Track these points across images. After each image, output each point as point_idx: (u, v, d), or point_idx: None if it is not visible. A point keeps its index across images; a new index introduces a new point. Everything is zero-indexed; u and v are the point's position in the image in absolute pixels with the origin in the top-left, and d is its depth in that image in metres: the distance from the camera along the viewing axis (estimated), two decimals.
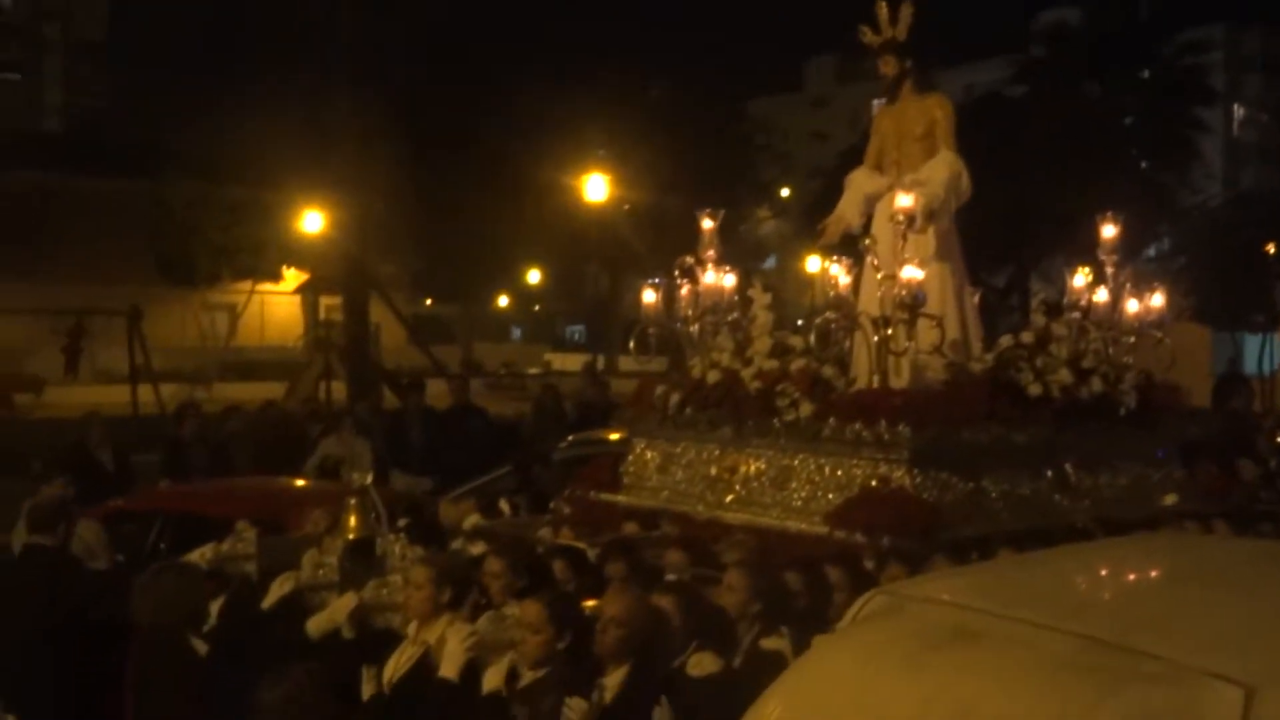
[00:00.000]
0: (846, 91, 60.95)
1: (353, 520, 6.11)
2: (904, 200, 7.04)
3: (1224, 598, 3.21)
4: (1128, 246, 8.24)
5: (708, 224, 7.79)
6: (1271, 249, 32.44)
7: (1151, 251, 31.65)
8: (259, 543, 6.40)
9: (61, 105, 68.80)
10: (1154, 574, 3.67)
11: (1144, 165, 30.66)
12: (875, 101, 8.33)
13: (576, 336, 60.00)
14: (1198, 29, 32.44)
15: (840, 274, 6.96)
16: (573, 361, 40.19)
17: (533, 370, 38.34)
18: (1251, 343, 35.23)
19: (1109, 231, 7.95)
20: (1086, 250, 8.11)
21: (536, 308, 57.81)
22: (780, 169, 49.78)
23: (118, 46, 71.09)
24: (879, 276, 7.09)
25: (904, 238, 7.03)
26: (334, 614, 5.65)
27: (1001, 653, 2.88)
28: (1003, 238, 25.70)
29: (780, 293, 7.92)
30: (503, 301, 53.06)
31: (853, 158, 8.26)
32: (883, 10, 7.90)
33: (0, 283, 31.33)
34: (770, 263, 46.53)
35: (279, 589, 5.92)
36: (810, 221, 8.47)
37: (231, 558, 6.38)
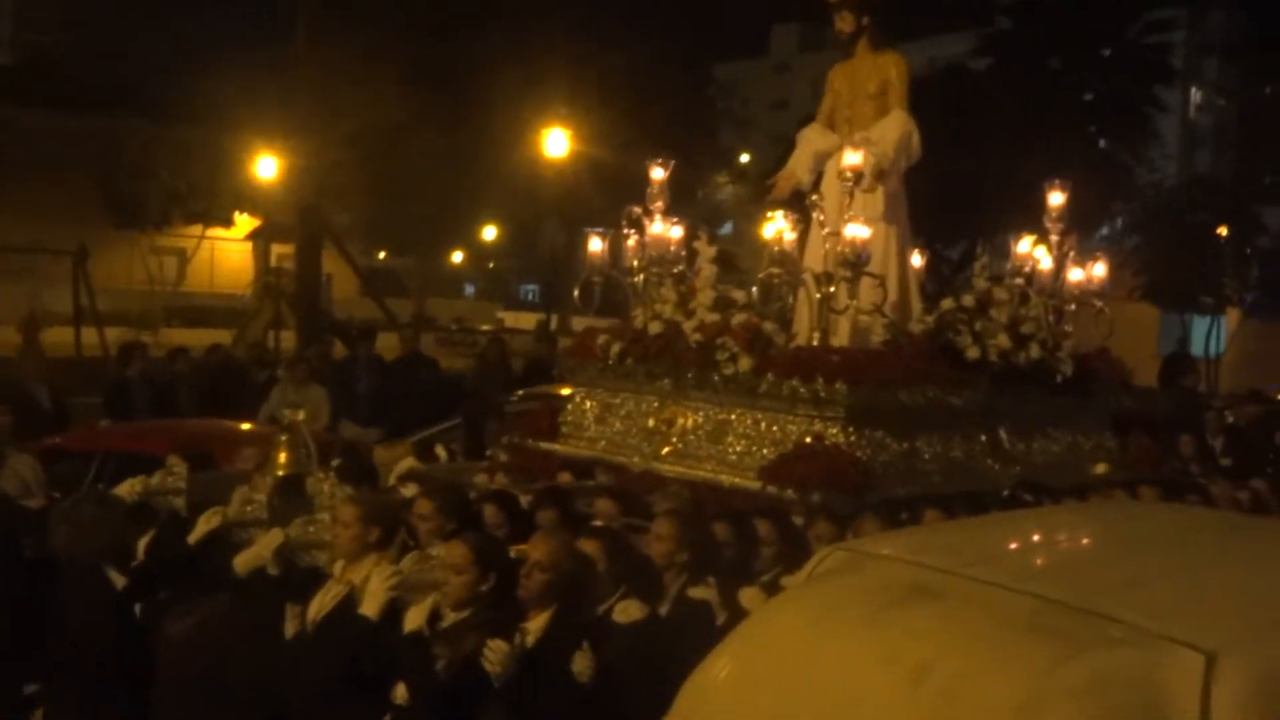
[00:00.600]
0: (810, 59, 60.86)
1: (283, 457, 6.05)
2: (852, 158, 7.05)
3: (1184, 565, 3.25)
4: (1081, 223, 8.31)
5: (657, 174, 7.75)
6: (1223, 232, 32.80)
7: (1105, 230, 31.91)
8: (189, 478, 6.31)
9: (12, 38, 67.44)
10: (1113, 540, 3.69)
11: (1102, 143, 30.81)
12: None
13: (531, 295, 59.78)
14: (1163, 9, 32.53)
15: (785, 230, 6.95)
16: (526, 320, 40.07)
17: (485, 326, 38.12)
18: (1199, 325, 35.67)
19: (1056, 199, 8.00)
20: (1040, 225, 8.15)
21: (491, 265, 57.47)
22: (740, 135, 49.73)
23: None
24: (824, 233, 7.10)
25: (851, 195, 7.04)
26: (260, 550, 5.60)
27: (962, 611, 2.88)
28: (959, 211, 25.80)
29: (737, 259, 7.90)
30: (457, 258, 52.71)
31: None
32: None
33: None
34: (727, 228, 46.53)
35: (206, 524, 5.85)
36: (765, 190, 8.46)
37: (160, 491, 6.28)
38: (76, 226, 28.43)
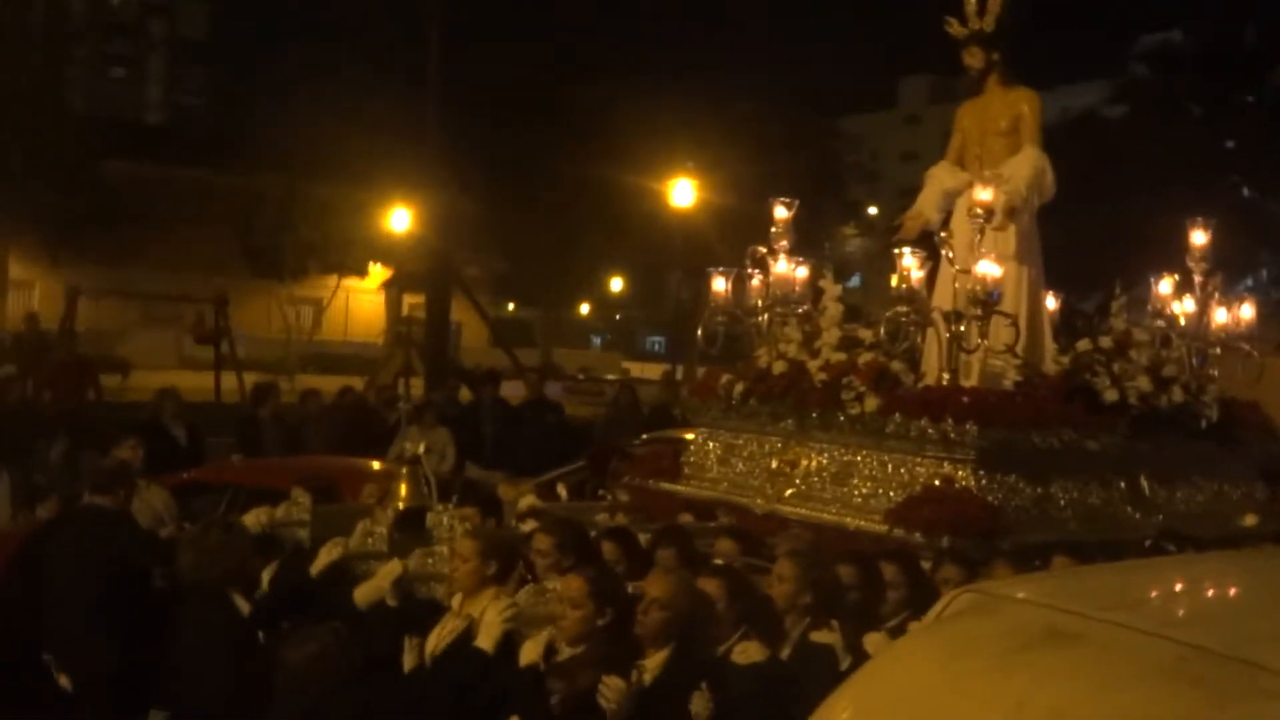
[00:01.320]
0: (939, 111, 60.31)
1: (403, 490, 6.07)
2: (983, 194, 6.86)
3: None
4: (1225, 272, 7.98)
5: (781, 212, 7.66)
6: None
7: (1249, 281, 30.86)
8: (313, 510, 6.38)
9: (162, 100, 70.60)
10: (1266, 589, 3.43)
11: (1245, 192, 29.91)
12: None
13: (656, 347, 59.96)
14: None
15: (914, 267, 6.78)
16: (651, 370, 40.08)
17: (611, 376, 38.29)
18: None
19: (1199, 238, 7.69)
20: (1182, 268, 7.85)
21: (618, 316, 57.86)
22: (869, 188, 49.44)
23: (218, 46, 72.79)
24: (954, 271, 6.92)
25: (982, 233, 6.85)
26: (379, 581, 5.60)
27: (1100, 656, 2.70)
28: (1095, 262, 25.24)
29: (863, 312, 7.77)
30: (584, 309, 53.18)
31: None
32: (970, 2, 7.72)
33: (93, 266, 32.03)
34: (855, 281, 46.17)
35: (327, 555, 5.89)
36: (892, 242, 8.32)
37: (285, 523, 6.37)
38: (217, 277, 29.45)
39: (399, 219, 28.57)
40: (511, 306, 47.38)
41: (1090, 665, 2.69)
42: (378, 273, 40.08)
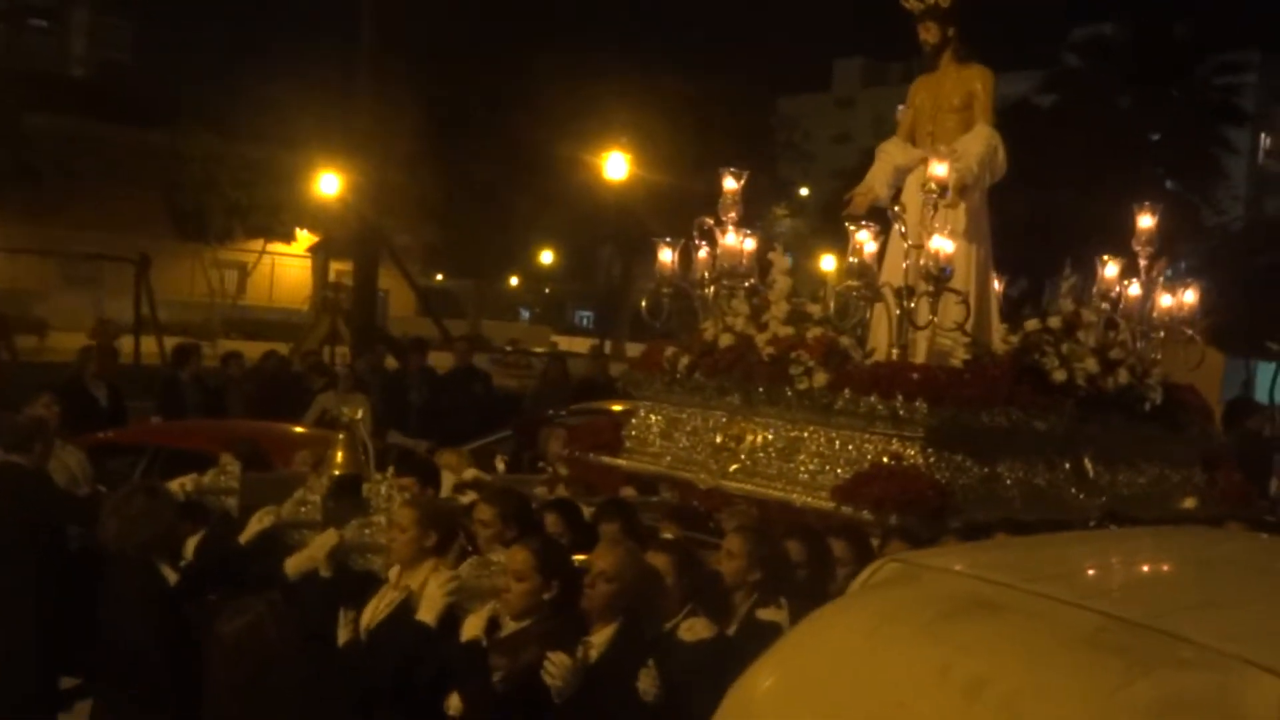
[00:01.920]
0: (872, 94, 60.67)
1: (339, 457, 5.83)
2: (938, 169, 6.76)
3: (1261, 589, 3.07)
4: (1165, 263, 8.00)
5: (730, 184, 7.53)
6: None
7: (1169, 272, 31.41)
8: (242, 477, 6.11)
9: (85, 55, 68.73)
10: (1185, 562, 3.49)
11: (1169, 184, 30.38)
12: (900, 107, 8.12)
13: (585, 322, 59.78)
14: (1234, 52, 32.18)
15: (866, 240, 6.66)
16: (580, 344, 39.86)
17: (539, 349, 38.04)
18: (1264, 371, 34.92)
19: (1145, 222, 7.69)
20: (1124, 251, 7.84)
21: (547, 290, 57.56)
22: (802, 168, 49.50)
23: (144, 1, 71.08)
24: (905, 246, 6.82)
25: (934, 208, 6.75)
26: (313, 552, 5.36)
27: (1023, 625, 2.71)
28: (1023, 248, 25.46)
29: (795, 292, 7.64)
30: (514, 282, 52.80)
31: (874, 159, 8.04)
32: None
33: (13, 224, 31.12)
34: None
35: (258, 524, 5.64)
36: (827, 221, 8.21)
37: (213, 490, 6.08)
38: (140, 238, 28.72)
39: (328, 184, 28.05)
40: (440, 277, 46.86)
41: (1013, 634, 2.70)
42: (305, 238, 39.38)
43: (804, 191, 49.44)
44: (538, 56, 35.83)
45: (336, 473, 5.81)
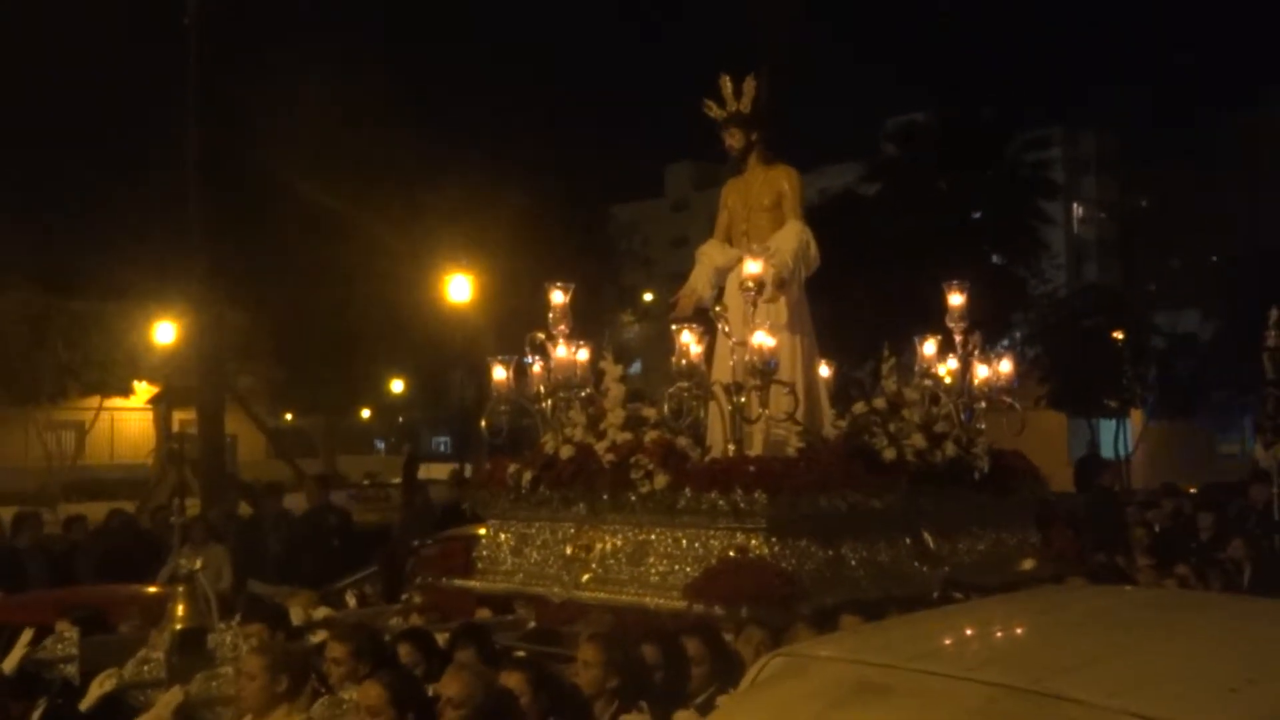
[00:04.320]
0: (704, 196, 62.06)
1: (180, 610, 5.73)
2: (753, 267, 7.05)
3: (1134, 642, 3.21)
4: (982, 336, 8.40)
5: (558, 298, 7.70)
6: (1119, 336, 33.71)
7: (1005, 341, 32.61)
8: (81, 643, 5.95)
9: None
10: (1056, 623, 3.63)
11: (995, 259, 31.69)
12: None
13: (443, 447, 59.23)
14: (1036, 129, 33.96)
15: (691, 342, 6.88)
16: (439, 471, 39.49)
17: (397, 480, 37.53)
18: (1107, 428, 36.36)
19: (955, 300, 8.07)
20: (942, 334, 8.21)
21: (401, 419, 56.97)
22: (645, 273, 50.26)
23: None
24: (731, 344, 7.06)
25: (754, 305, 7.02)
26: (159, 711, 5.26)
27: (914, 705, 2.80)
28: (865, 331, 26.24)
29: (645, 395, 7.83)
30: (366, 414, 52.11)
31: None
32: (726, 85, 8.00)
33: None
34: (636, 367, 46.74)
35: (99, 688, 5.51)
36: (668, 323, 8.46)
37: (49, 661, 5.92)
38: None
39: (164, 332, 27.50)
40: (290, 416, 46.02)
41: (905, 714, 2.77)
42: (144, 390, 38.35)
43: (648, 296, 50.15)
44: (375, 182, 35.76)
45: (178, 627, 5.71)
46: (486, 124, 36.47)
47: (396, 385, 47.64)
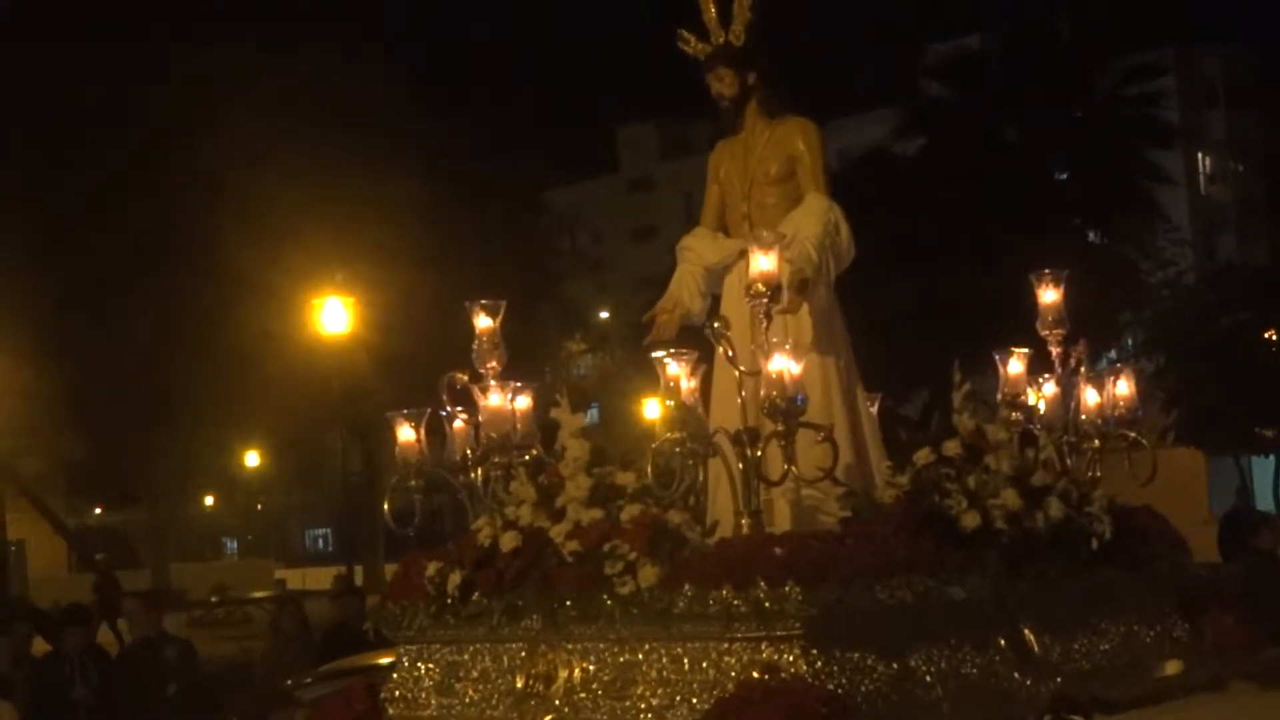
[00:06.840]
0: (673, 168, 62.57)
1: None
2: (762, 263, 7.03)
3: None
4: (1090, 346, 8.41)
5: (484, 322, 7.69)
6: (1273, 336, 33.57)
7: (1112, 352, 32.70)
8: None
9: None
10: None
11: (1090, 236, 31.81)
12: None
13: (321, 543, 59.21)
14: (1140, 53, 33.92)
15: (681, 375, 6.86)
16: (319, 576, 39.44)
17: (259, 594, 37.44)
18: (1262, 468, 36.38)
19: (1049, 296, 8.10)
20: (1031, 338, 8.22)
21: (259, 505, 56.93)
22: (597, 281, 50.46)
23: None
24: (737, 374, 7.04)
25: (767, 317, 7.02)
26: None
27: None
28: (910, 350, 26.21)
29: (611, 453, 7.81)
30: (209, 501, 52.07)
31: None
32: (710, 9, 8.01)
33: None
34: (592, 414, 46.77)
35: None
36: (640, 349, 8.50)
37: None
38: None
39: None
40: (98, 510, 45.90)
41: None
42: None
43: (604, 315, 50.38)
44: (207, 180, 35.61)
45: None
46: (360, 87, 36.20)
47: (251, 458, 47.63)
